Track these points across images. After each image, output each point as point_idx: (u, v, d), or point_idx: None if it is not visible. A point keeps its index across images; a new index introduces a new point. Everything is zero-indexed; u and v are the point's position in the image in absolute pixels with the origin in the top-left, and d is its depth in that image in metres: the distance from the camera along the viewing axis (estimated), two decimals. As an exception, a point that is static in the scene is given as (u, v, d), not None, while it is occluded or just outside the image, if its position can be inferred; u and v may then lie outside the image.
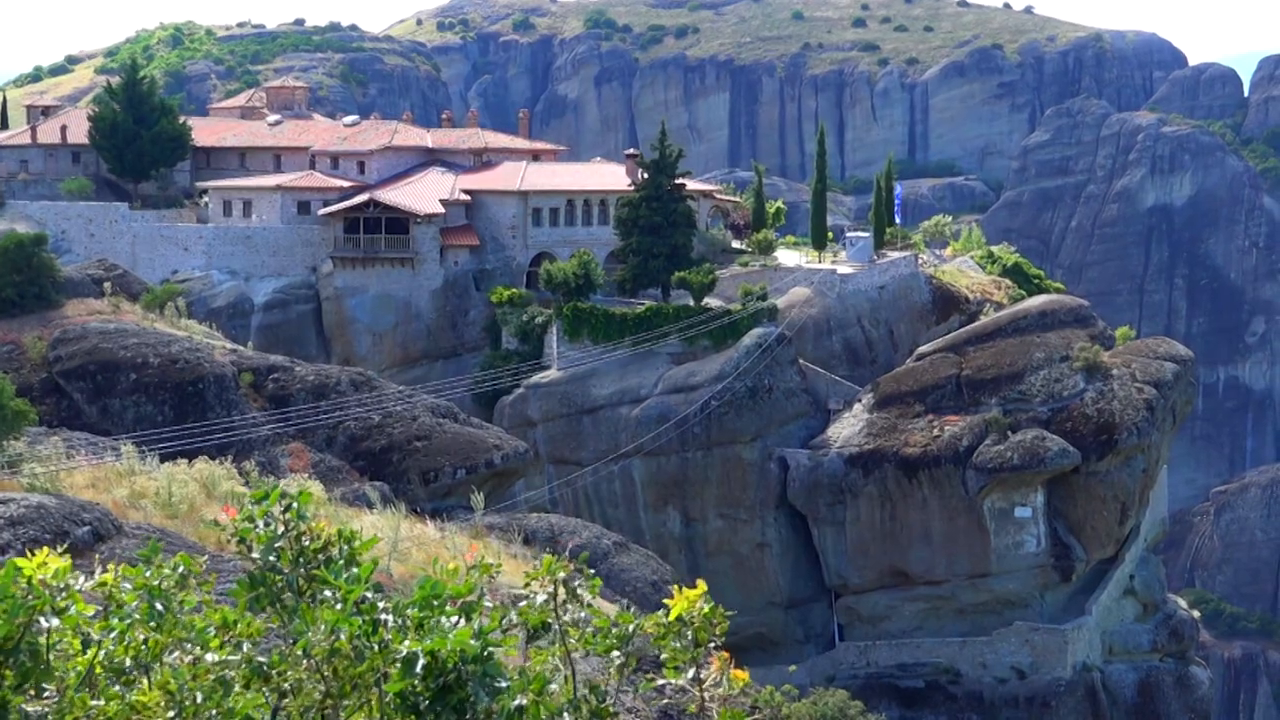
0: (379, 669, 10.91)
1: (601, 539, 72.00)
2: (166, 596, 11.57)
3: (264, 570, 11.46)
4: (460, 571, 11.70)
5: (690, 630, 12.75)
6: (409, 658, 10.67)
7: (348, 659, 11.03)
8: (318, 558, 11.53)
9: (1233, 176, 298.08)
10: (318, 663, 11.10)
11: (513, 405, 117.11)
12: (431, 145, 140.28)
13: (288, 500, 11.58)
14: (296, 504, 11.60)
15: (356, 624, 10.94)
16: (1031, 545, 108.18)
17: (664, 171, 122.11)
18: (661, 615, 12.75)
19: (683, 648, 12.71)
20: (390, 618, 11.04)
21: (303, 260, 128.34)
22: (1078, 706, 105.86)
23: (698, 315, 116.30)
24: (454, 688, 10.63)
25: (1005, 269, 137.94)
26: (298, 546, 11.55)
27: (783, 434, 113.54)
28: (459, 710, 10.66)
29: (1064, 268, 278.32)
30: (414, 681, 10.64)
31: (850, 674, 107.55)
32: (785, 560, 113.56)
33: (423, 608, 11.08)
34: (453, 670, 10.61)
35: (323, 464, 73.04)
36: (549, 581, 12.22)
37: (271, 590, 11.44)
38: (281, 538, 11.54)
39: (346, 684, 11.09)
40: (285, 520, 11.58)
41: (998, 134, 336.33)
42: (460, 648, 10.62)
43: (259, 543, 11.52)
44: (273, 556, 11.47)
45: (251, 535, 11.57)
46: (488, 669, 10.68)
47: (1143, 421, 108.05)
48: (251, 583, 11.47)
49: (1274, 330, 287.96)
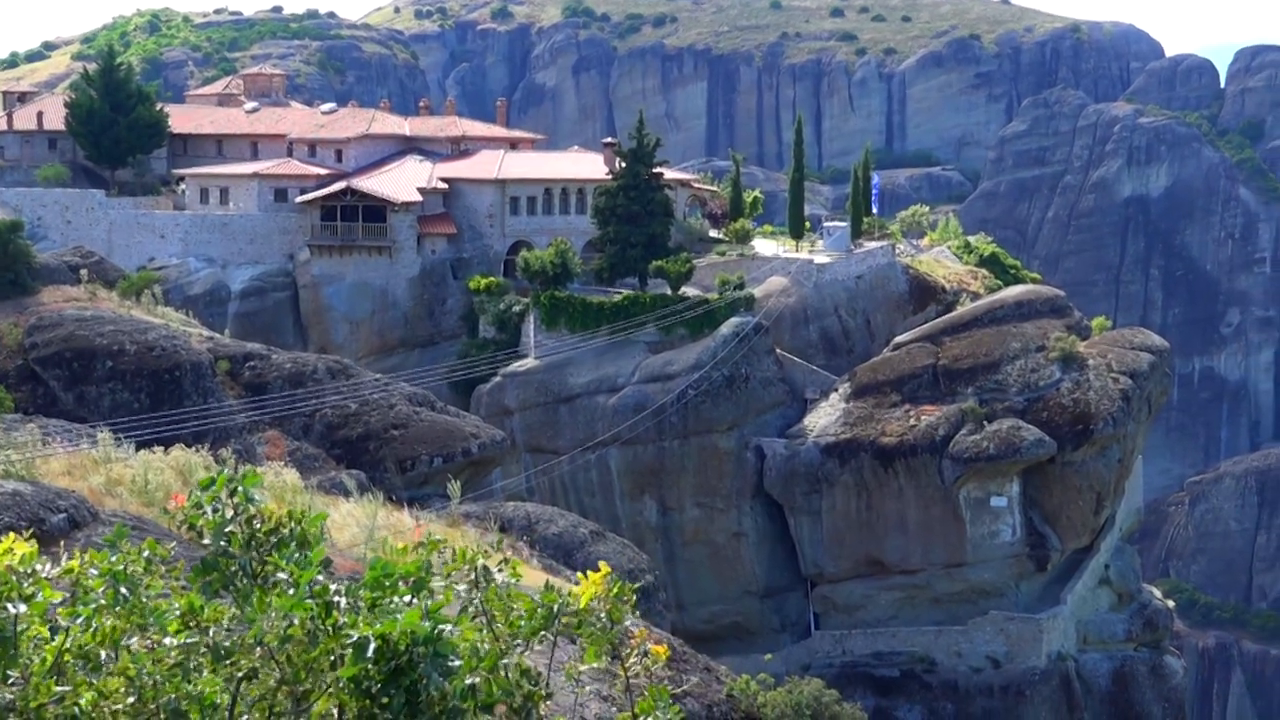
0: (333, 653, 10.94)
1: (578, 528, 72.07)
2: (132, 581, 11.59)
3: (216, 555, 11.48)
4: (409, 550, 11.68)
5: (604, 612, 12.69)
6: (360, 643, 10.68)
7: (302, 644, 11.07)
8: (269, 540, 11.55)
9: (1209, 168, 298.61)
10: (271, 649, 11.13)
11: (490, 394, 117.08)
12: (409, 133, 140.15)
13: (234, 485, 11.60)
14: (243, 488, 11.62)
15: (309, 608, 10.95)
16: (1007, 535, 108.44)
17: (641, 160, 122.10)
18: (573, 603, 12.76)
19: (600, 630, 12.66)
20: (343, 600, 11.05)
21: (280, 248, 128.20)
22: (1052, 696, 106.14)
23: (675, 304, 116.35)
24: (406, 670, 10.65)
25: (982, 259, 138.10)
26: (248, 530, 11.57)
27: (759, 423, 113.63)
28: (411, 692, 10.69)
29: (1040, 258, 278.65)
30: (367, 666, 10.65)
31: (826, 663, 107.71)
32: (761, 549, 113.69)
33: (374, 588, 11.09)
34: (405, 653, 10.63)
35: (299, 452, 73.02)
36: (469, 570, 12.16)
37: (225, 575, 11.46)
38: (231, 522, 11.57)
39: (301, 669, 11.12)
40: (234, 505, 11.61)
41: (975, 124, 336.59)
42: (411, 629, 10.63)
43: (209, 528, 11.56)
44: (224, 541, 11.50)
45: (201, 521, 11.61)
46: (439, 649, 10.70)
47: (1118, 412, 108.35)
48: (205, 568, 11.50)
49: (1249, 321, 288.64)
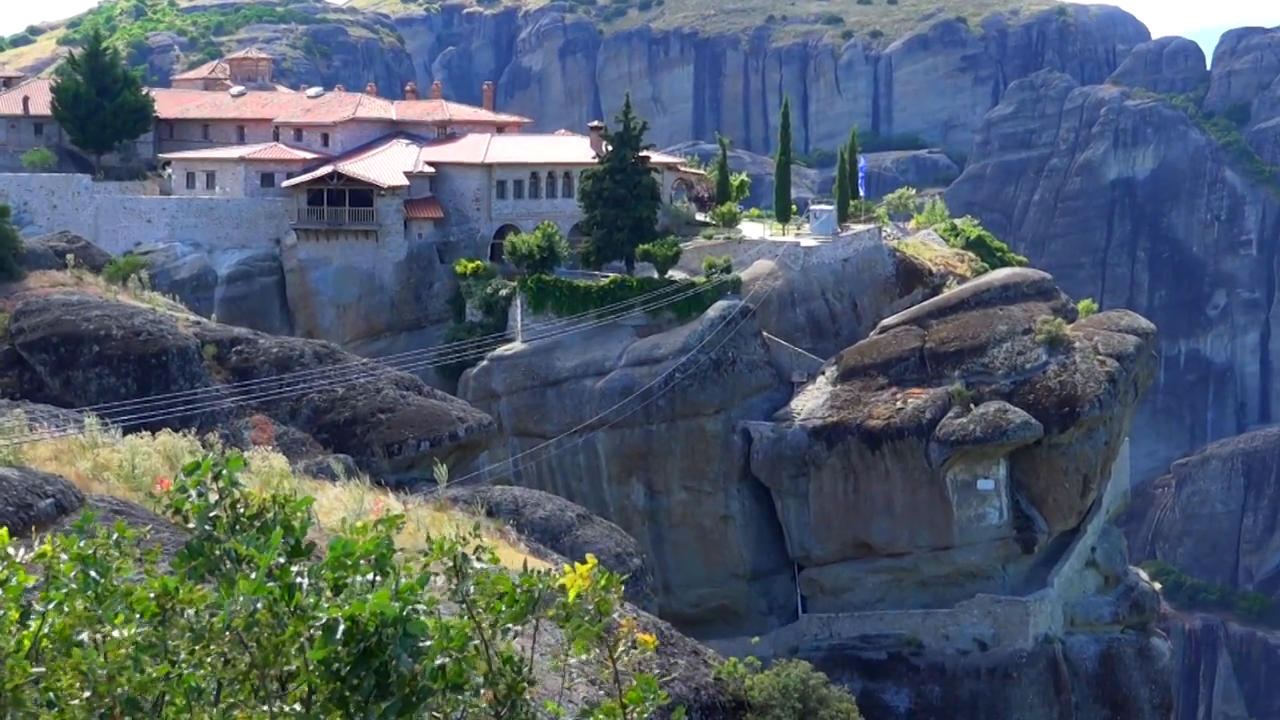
0: (301, 635, 10.91)
1: (565, 512, 72.15)
2: (103, 565, 11.56)
3: (201, 540, 11.47)
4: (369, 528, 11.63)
5: (591, 606, 12.69)
6: (329, 624, 10.65)
7: (269, 627, 11.02)
8: (253, 524, 11.53)
9: (1195, 150, 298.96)
10: (240, 634, 11.10)
11: (476, 378, 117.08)
12: (395, 117, 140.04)
13: (219, 469, 11.59)
14: (227, 472, 11.60)
15: (271, 590, 10.91)
16: (993, 517, 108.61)
17: (628, 144, 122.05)
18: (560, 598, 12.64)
19: (589, 624, 12.66)
20: (305, 581, 11.01)
21: (266, 232, 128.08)
22: (1039, 678, 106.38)
23: (662, 288, 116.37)
24: (375, 651, 10.63)
25: (968, 242, 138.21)
26: (233, 514, 11.56)
27: (746, 406, 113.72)
28: (381, 673, 10.68)
29: (1027, 241, 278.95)
30: (336, 648, 10.63)
31: (813, 646, 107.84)
32: (748, 532, 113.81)
33: (336, 568, 11.06)
34: (374, 634, 10.60)
35: (286, 436, 73.06)
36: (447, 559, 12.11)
37: (210, 559, 11.45)
38: (216, 506, 11.55)
39: (270, 653, 11.07)
40: (219, 489, 11.59)
41: (961, 107, 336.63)
42: (380, 610, 10.59)
43: (194, 512, 11.53)
44: (208, 526, 11.48)
45: (186, 505, 11.58)
46: (408, 629, 10.67)
47: (1104, 394, 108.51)
48: (190, 553, 11.47)
49: (1235, 303, 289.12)
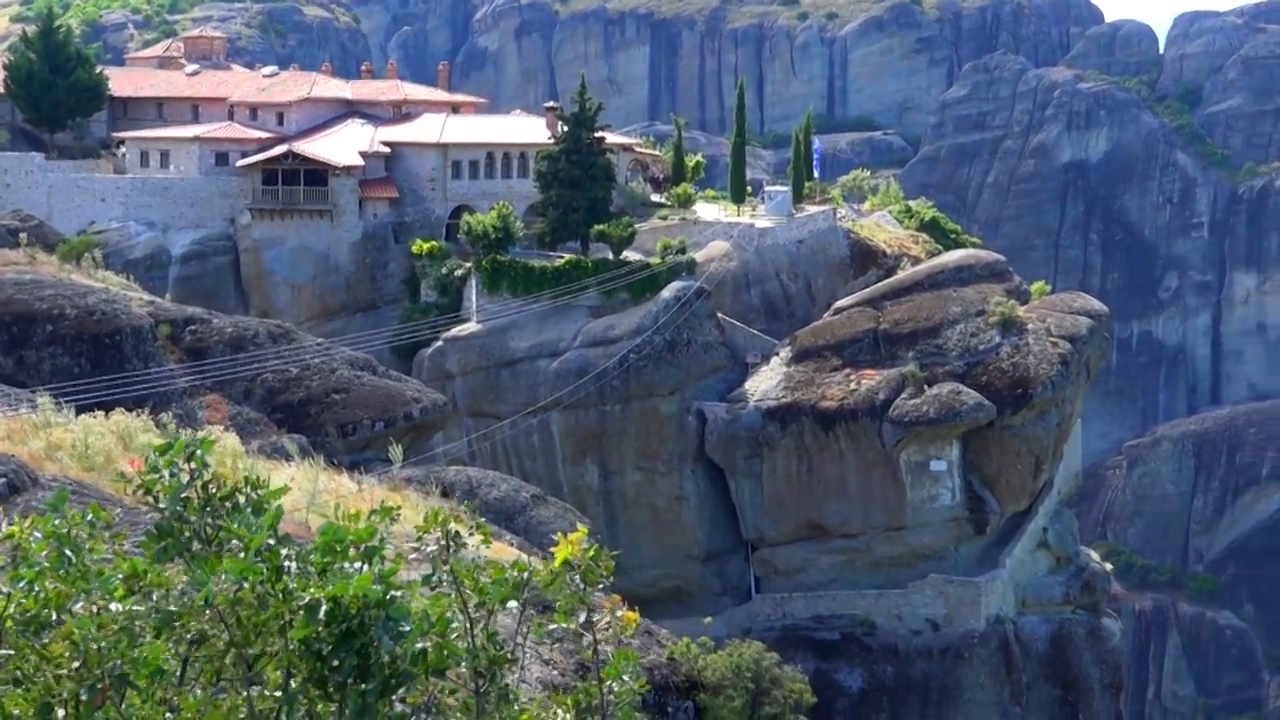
0: (283, 616, 10.98)
1: (520, 492, 72.38)
2: (75, 545, 11.62)
3: (171, 520, 11.51)
4: (362, 516, 11.74)
5: (578, 574, 12.83)
6: (312, 604, 10.73)
7: (251, 607, 11.10)
8: (224, 506, 11.58)
9: (1147, 133, 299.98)
10: (221, 612, 11.17)
11: (431, 358, 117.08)
12: (351, 97, 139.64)
13: (192, 450, 11.63)
14: (200, 453, 11.66)
15: (259, 571, 10.98)
16: (946, 498, 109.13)
17: (584, 125, 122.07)
18: (549, 561, 12.83)
19: (572, 592, 12.79)
20: (293, 564, 11.09)
21: (220, 212, 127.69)
22: (991, 658, 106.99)
23: (617, 269, 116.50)
24: (357, 633, 10.71)
25: (922, 224, 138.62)
26: (204, 495, 11.61)
27: (701, 387, 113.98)
28: (362, 655, 10.76)
29: (980, 223, 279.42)
30: (318, 628, 10.72)
31: (766, 626, 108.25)
32: (702, 513, 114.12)
33: (325, 553, 11.14)
34: (356, 615, 10.69)
35: (240, 416, 73.09)
36: (440, 533, 12.26)
37: (179, 540, 11.50)
38: (187, 487, 11.60)
39: (250, 632, 11.17)
40: (190, 470, 11.64)
41: (916, 89, 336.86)
42: (363, 592, 10.68)
43: (165, 493, 11.58)
44: (179, 506, 11.53)
45: (157, 486, 11.63)
46: (390, 613, 10.76)
47: (1057, 376, 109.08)
48: (159, 533, 11.52)
49: (1187, 286, 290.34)
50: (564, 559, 12.80)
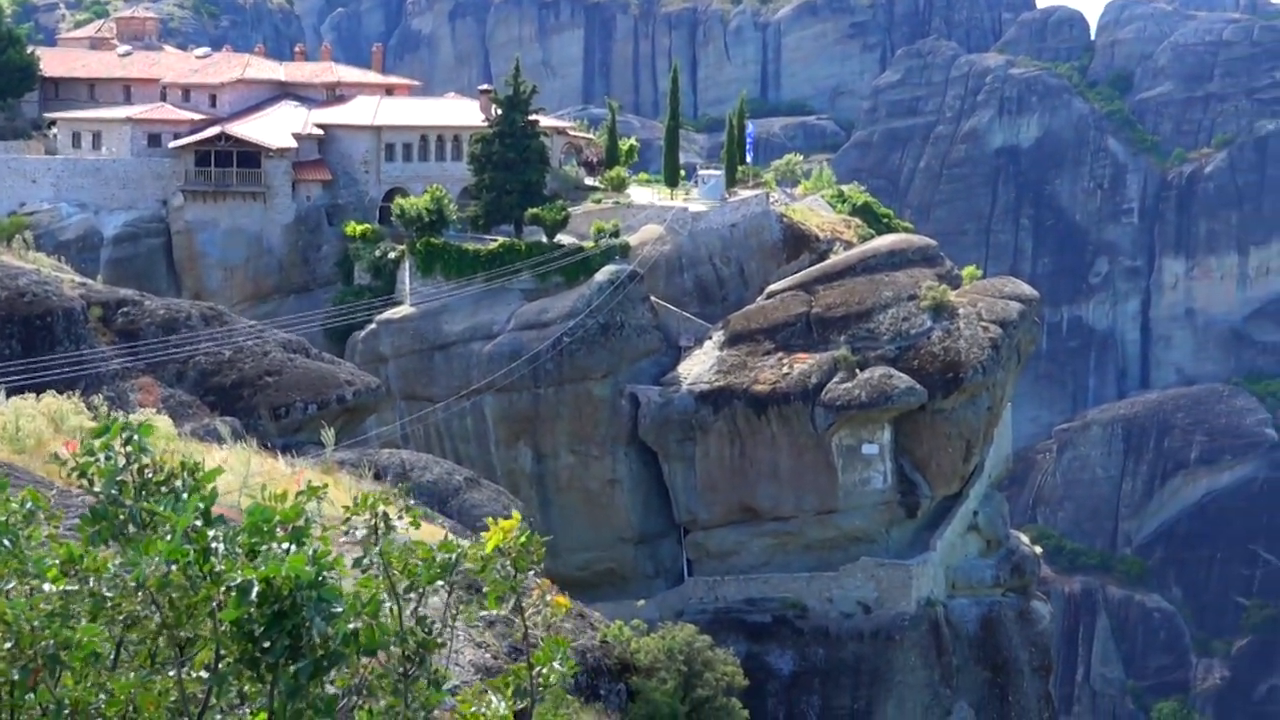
0: (214, 598, 11.00)
1: (453, 475, 72.50)
2: (13, 532, 11.62)
3: (106, 504, 11.50)
4: (289, 497, 11.76)
5: (509, 560, 12.91)
6: (243, 585, 10.73)
7: (181, 589, 11.13)
8: (160, 490, 11.59)
9: (1078, 119, 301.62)
10: (152, 594, 11.19)
11: (364, 341, 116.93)
12: (284, 79, 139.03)
13: (128, 433, 11.64)
14: (137, 436, 11.67)
15: (186, 553, 11.00)
16: (878, 482, 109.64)
17: (517, 108, 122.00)
18: (479, 547, 12.85)
19: (503, 578, 12.87)
20: (221, 546, 11.11)
21: (153, 193, 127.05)
22: (921, 641, 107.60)
23: (550, 252, 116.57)
24: (288, 613, 10.72)
25: (855, 208, 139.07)
26: (140, 479, 11.62)
27: (634, 371, 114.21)
28: (294, 636, 10.78)
29: (912, 207, 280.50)
30: (249, 609, 10.72)
31: (699, 609, 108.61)
32: (635, 496, 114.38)
33: (253, 534, 11.16)
34: (288, 596, 10.69)
35: (173, 399, 72.79)
36: (370, 516, 12.30)
37: (114, 524, 11.49)
38: (123, 470, 11.60)
39: (182, 614, 11.21)
40: (126, 453, 11.63)
41: (849, 74, 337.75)
42: (295, 573, 10.69)
43: (100, 476, 11.58)
44: (115, 490, 11.53)
45: (93, 469, 11.62)
46: (322, 594, 10.77)
47: (988, 360, 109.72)
48: (94, 516, 11.50)
49: (1117, 271, 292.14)
50: (495, 545, 12.86)
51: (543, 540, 13.38)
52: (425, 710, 12.30)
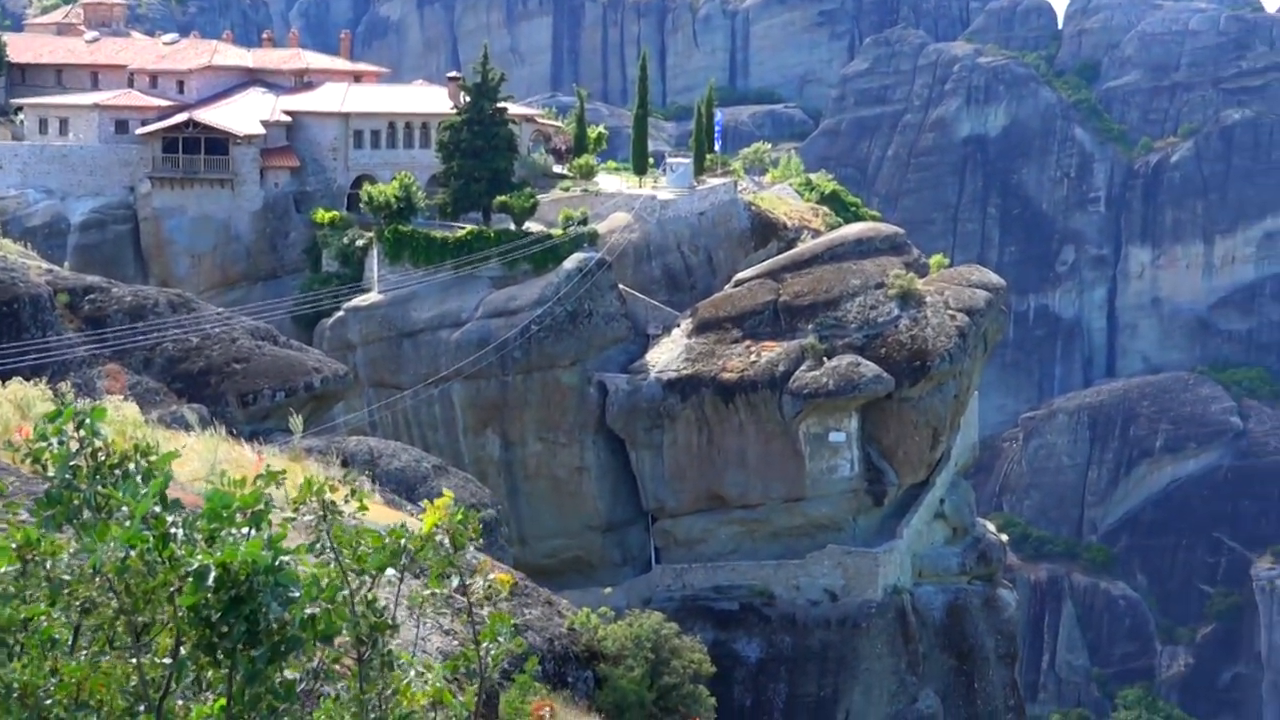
0: (172, 583, 11.00)
1: (421, 462, 72.51)
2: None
3: (60, 488, 11.49)
4: (247, 482, 11.75)
5: (446, 538, 12.94)
6: (200, 571, 10.71)
7: (139, 574, 11.11)
8: (114, 473, 11.58)
9: (1045, 108, 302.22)
10: (109, 579, 11.18)
11: (332, 328, 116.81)
12: (252, 65, 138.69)
13: (81, 417, 11.62)
14: (90, 420, 11.65)
15: (145, 539, 10.99)
16: (845, 470, 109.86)
17: (486, 95, 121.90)
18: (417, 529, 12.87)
19: (443, 557, 12.91)
20: (180, 531, 11.10)
21: (120, 180, 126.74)
22: (888, 628, 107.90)
23: (518, 239, 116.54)
24: (246, 599, 10.70)
25: (823, 196, 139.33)
26: (94, 463, 11.60)
27: (602, 359, 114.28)
28: (251, 621, 10.77)
29: (880, 196, 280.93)
30: (206, 595, 10.71)
31: (666, 596, 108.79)
32: (603, 484, 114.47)
33: (211, 519, 11.15)
34: (245, 581, 10.68)
35: (140, 386, 72.64)
36: (316, 502, 12.36)
37: (69, 508, 11.45)
38: (77, 455, 11.59)
39: (139, 600, 11.19)
40: (80, 437, 11.62)
41: (817, 62, 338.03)
42: (252, 558, 10.69)
43: (54, 461, 11.57)
44: (68, 474, 11.52)
45: (46, 454, 11.61)
46: (279, 579, 10.77)
47: (955, 348, 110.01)
48: (48, 501, 11.47)
49: (1083, 260, 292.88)
50: (432, 524, 12.91)
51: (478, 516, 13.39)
52: (381, 692, 12.39)
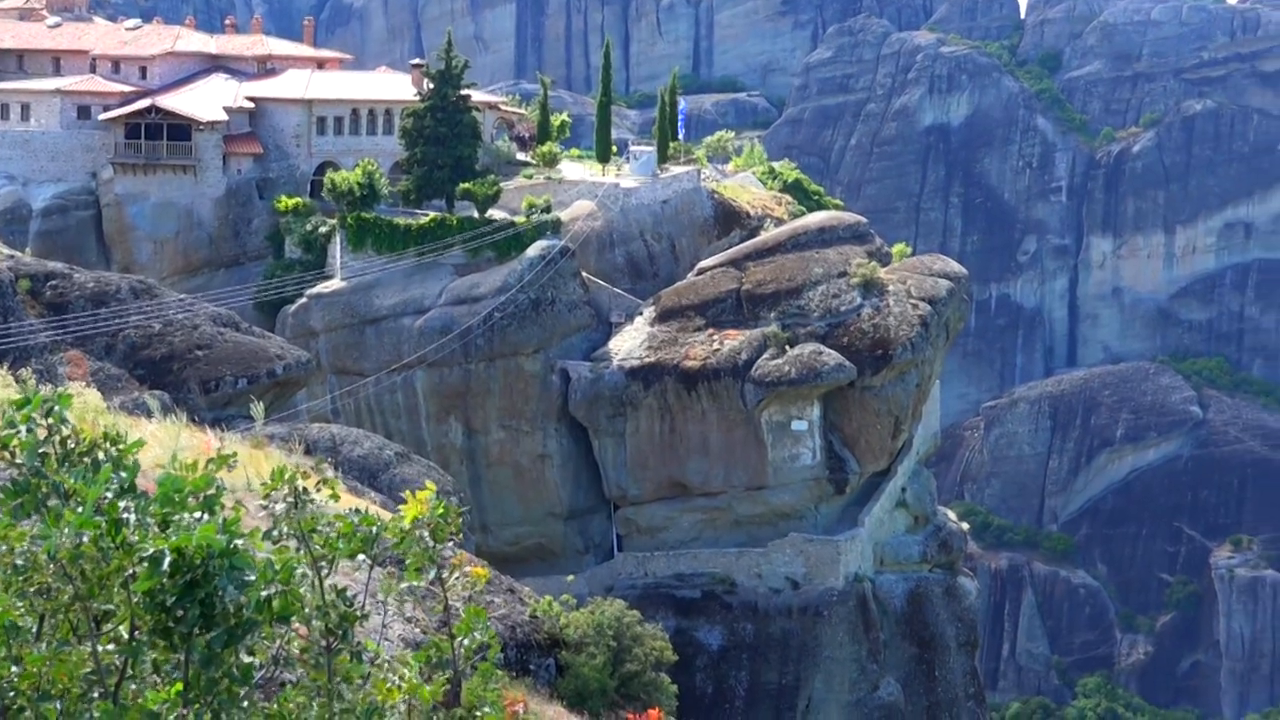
0: (126, 569, 10.98)
1: (383, 450, 72.59)
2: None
3: (29, 476, 11.49)
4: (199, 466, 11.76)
5: (427, 531, 12.99)
6: (155, 556, 10.70)
7: (94, 560, 11.08)
8: (83, 461, 11.59)
9: (1008, 97, 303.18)
10: (64, 566, 11.17)
11: (295, 315, 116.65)
12: (215, 52, 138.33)
13: (50, 405, 11.69)
14: (58, 408, 11.71)
15: (98, 525, 10.97)
16: (807, 458, 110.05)
17: (449, 83, 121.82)
18: (399, 520, 12.91)
19: (422, 550, 12.94)
20: (133, 516, 11.08)
21: (82, 166, 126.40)
22: (849, 616, 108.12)
23: (482, 227, 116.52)
24: (201, 583, 10.68)
25: (786, 185, 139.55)
26: (62, 451, 11.64)
27: (565, 346, 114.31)
28: (206, 605, 10.75)
29: (843, 185, 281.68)
30: (161, 580, 10.70)
31: (628, 584, 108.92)
32: (566, 471, 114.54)
33: (164, 504, 11.14)
34: (200, 565, 10.66)
35: (102, 372, 72.60)
36: (288, 490, 12.34)
37: (36, 496, 11.45)
38: (45, 443, 11.62)
39: (94, 586, 11.17)
40: (48, 425, 11.66)
41: (781, 51, 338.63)
42: (206, 542, 10.67)
43: (22, 449, 11.57)
44: (37, 462, 11.53)
45: (14, 441, 11.61)
46: (234, 562, 10.74)
47: (917, 337, 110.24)
48: (15, 489, 11.47)
49: (1045, 249, 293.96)
50: (413, 517, 12.94)
51: (460, 511, 13.40)
52: (348, 682, 12.36)
